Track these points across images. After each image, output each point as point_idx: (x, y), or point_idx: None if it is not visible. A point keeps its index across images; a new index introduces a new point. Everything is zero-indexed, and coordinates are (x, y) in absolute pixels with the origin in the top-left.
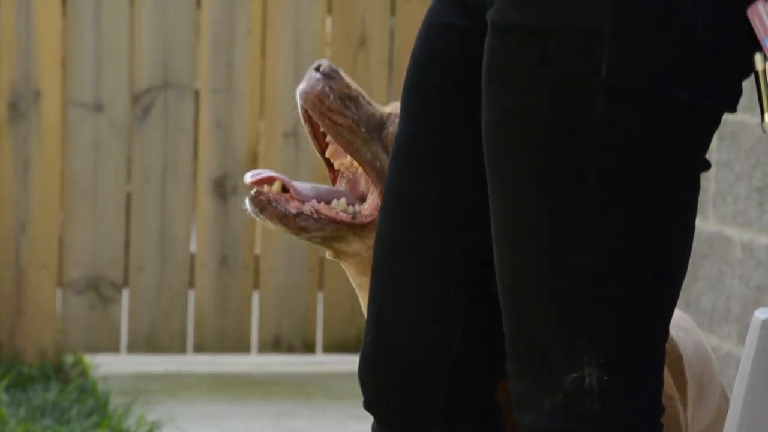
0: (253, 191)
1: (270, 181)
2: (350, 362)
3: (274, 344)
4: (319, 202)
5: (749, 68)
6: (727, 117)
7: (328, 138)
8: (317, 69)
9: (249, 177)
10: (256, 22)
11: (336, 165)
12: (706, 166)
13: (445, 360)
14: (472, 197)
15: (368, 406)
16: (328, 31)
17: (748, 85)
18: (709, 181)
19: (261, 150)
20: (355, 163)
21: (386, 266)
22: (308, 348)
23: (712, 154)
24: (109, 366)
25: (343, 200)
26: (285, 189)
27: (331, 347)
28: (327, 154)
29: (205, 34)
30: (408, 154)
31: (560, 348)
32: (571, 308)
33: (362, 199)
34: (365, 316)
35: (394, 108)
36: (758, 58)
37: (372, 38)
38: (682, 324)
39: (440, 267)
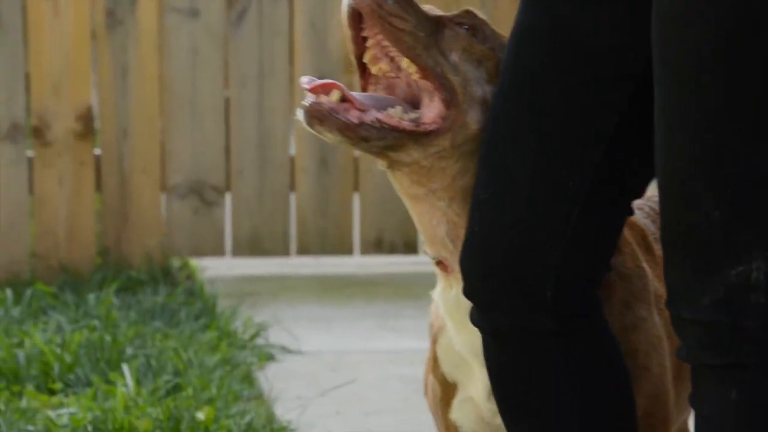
0: (308, 102)
1: (328, 88)
2: None
3: (376, 245)
4: (378, 110)
5: None
6: None
7: (369, 42)
8: None
9: (306, 83)
10: None
11: (374, 70)
12: None
13: (554, 252)
14: (598, 83)
15: (470, 294)
16: None
17: None
18: None
19: None
20: (398, 68)
21: (498, 153)
22: (410, 248)
23: None
24: (214, 269)
25: (398, 108)
26: (343, 98)
27: None
28: (365, 59)
29: None
30: (531, 40)
31: (727, 239)
32: (742, 200)
33: (412, 105)
34: (420, 228)
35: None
36: None
37: None
38: None
39: (558, 157)
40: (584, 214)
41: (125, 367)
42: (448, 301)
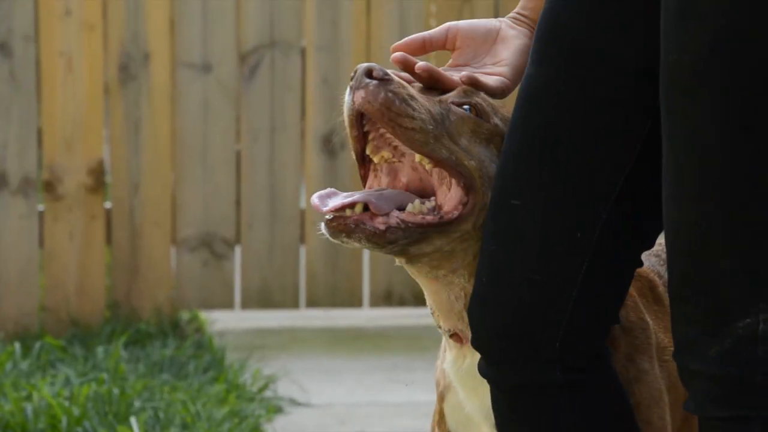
0: (329, 216)
1: (344, 209)
2: None
3: (386, 298)
4: (399, 210)
5: None
6: None
7: (371, 135)
8: (369, 75)
9: (320, 203)
10: None
11: (376, 159)
12: None
13: (563, 306)
14: (608, 140)
15: (478, 346)
16: None
17: None
18: None
19: None
20: (402, 154)
21: (508, 208)
22: (420, 301)
23: None
24: (224, 322)
25: (417, 202)
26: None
27: None
28: (367, 151)
29: None
30: (541, 96)
31: (738, 293)
32: (754, 253)
33: (414, 191)
34: (434, 304)
35: (446, 94)
36: None
37: None
38: None
39: (566, 211)
40: (593, 268)
41: (133, 420)
42: (461, 371)
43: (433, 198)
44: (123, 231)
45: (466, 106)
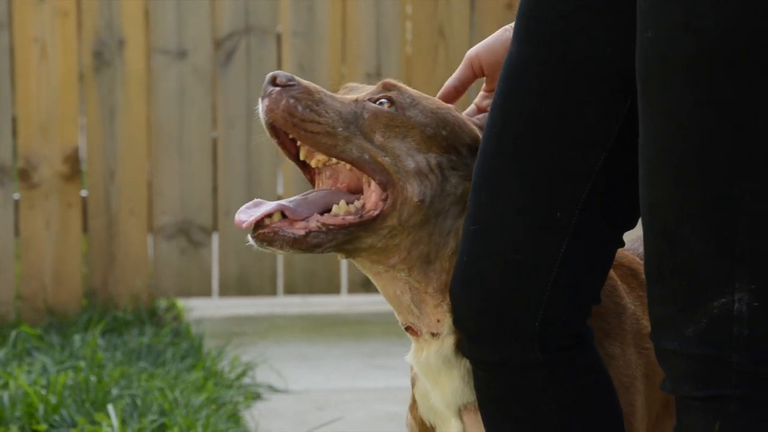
0: (252, 230)
1: (261, 220)
2: None
3: (364, 284)
4: (321, 213)
5: None
6: None
7: (299, 142)
8: (273, 82)
9: (243, 217)
10: None
11: (313, 164)
12: None
13: (543, 285)
14: (586, 120)
15: (459, 324)
16: None
17: None
18: None
19: None
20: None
21: (488, 187)
22: None
23: None
24: (201, 309)
25: (342, 202)
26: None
27: None
28: (301, 156)
29: None
30: (521, 75)
31: (712, 272)
32: (730, 235)
33: (355, 191)
34: (386, 299)
35: (359, 93)
36: None
37: None
38: None
39: (546, 191)
40: (573, 247)
41: (111, 408)
42: (420, 363)
43: (361, 197)
44: (99, 219)
45: (382, 100)
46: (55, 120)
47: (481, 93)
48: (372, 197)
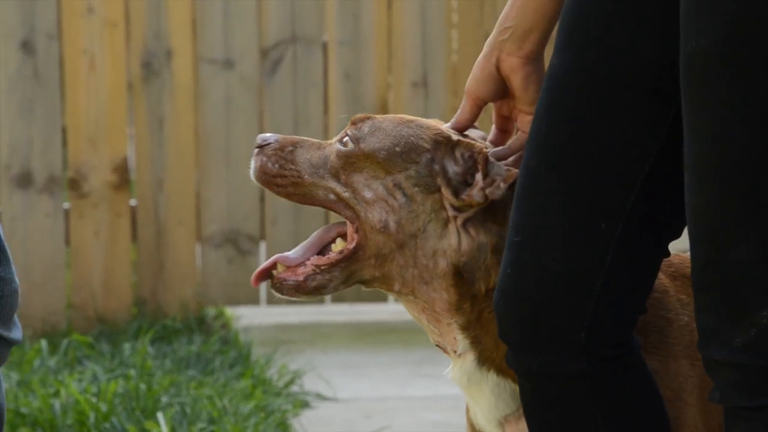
0: (270, 285)
1: (266, 272)
2: None
3: None
4: (316, 256)
5: None
6: None
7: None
8: (257, 145)
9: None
10: None
11: None
12: None
13: (588, 296)
14: (631, 127)
15: (504, 337)
16: None
17: None
18: None
19: (390, 100)
20: None
21: (531, 199)
22: None
23: None
24: (249, 318)
25: (339, 240)
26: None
27: None
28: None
29: None
30: (563, 85)
31: (758, 281)
32: None
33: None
34: (415, 320)
35: (335, 137)
36: None
37: None
38: None
39: (590, 200)
40: (617, 257)
41: (160, 416)
42: (456, 379)
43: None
44: (148, 228)
45: (345, 138)
46: (104, 130)
47: (493, 128)
48: (350, 233)
